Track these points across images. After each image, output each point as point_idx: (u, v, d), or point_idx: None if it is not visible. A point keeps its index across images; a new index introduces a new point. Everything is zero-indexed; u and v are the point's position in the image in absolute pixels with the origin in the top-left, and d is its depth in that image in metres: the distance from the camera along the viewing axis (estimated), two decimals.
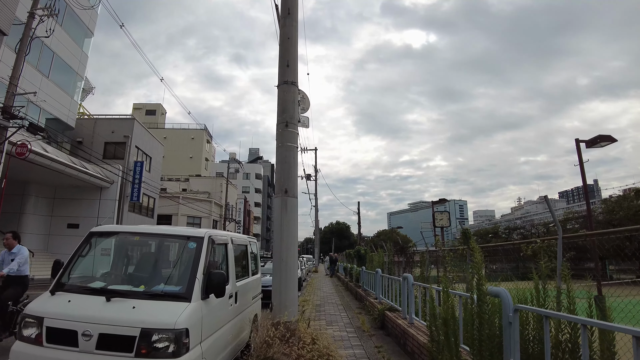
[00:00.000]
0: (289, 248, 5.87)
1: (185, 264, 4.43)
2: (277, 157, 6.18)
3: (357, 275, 16.16)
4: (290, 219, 5.93)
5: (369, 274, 12.99)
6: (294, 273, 5.92)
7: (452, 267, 10.19)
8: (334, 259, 33.37)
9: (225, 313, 4.90)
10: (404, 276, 7.50)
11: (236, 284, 5.42)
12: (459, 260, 10.23)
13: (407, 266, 13.43)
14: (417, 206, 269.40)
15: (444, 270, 11.39)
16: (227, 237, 5.43)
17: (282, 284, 5.77)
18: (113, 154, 29.75)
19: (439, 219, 25.14)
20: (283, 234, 5.84)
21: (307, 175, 42.54)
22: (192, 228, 5.36)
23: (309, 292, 17.97)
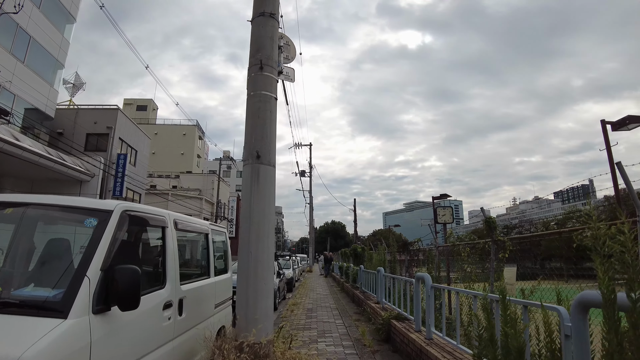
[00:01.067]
0: (262, 237, 4.12)
1: (70, 253, 2.68)
2: (248, 110, 4.45)
3: (354, 276, 14.41)
4: (264, 196, 4.19)
5: (369, 274, 11.24)
6: (268, 273, 4.18)
7: (470, 264, 8.49)
8: (328, 258, 31.61)
9: (157, 332, 3.15)
10: (419, 276, 5.76)
11: (181, 288, 3.66)
12: (478, 256, 8.54)
13: (411, 265, 11.68)
14: (413, 206, 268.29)
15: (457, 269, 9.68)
16: (164, 217, 3.63)
17: (250, 289, 4.02)
18: (95, 145, 27.89)
19: (442, 215, 23.44)
20: (253, 217, 4.10)
21: (301, 172, 40.86)
22: (99, 200, 3.45)
23: (300, 294, 16.21)
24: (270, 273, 4.18)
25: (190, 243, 4.55)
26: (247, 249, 4.03)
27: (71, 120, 27.92)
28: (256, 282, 3.97)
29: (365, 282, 11.70)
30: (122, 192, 27.02)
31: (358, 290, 12.73)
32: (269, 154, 4.24)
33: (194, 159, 56.61)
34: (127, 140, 29.75)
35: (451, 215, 22.25)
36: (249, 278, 3.99)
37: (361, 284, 12.31)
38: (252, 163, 4.17)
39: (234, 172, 73.08)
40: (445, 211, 22.22)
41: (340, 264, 21.09)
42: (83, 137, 27.95)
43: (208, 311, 4.48)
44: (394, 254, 11.10)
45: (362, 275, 12.26)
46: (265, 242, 4.08)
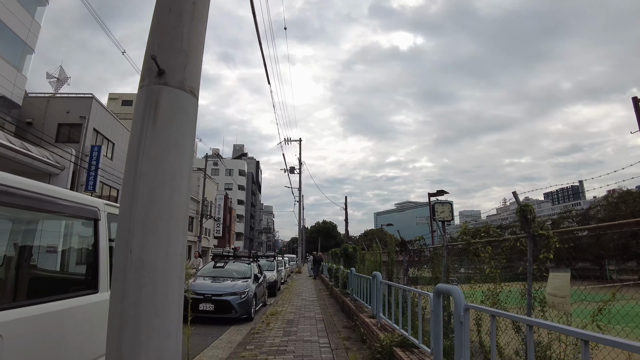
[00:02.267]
0: (157, 223, 2.08)
1: None
2: (157, 3, 2.43)
3: (345, 280, 12.44)
4: (167, 146, 2.17)
5: (361, 279, 9.26)
6: (169, 291, 2.12)
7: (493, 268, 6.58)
8: (318, 258, 29.58)
9: None
10: (442, 290, 3.79)
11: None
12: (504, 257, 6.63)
13: (412, 267, 9.68)
14: (404, 206, 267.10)
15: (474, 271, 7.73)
16: None
17: (129, 322, 1.96)
18: (67, 137, 25.64)
19: (440, 211, 21.53)
20: (140, 183, 2.07)
21: (290, 169, 38.84)
22: None
23: (284, 300, 14.21)
24: (175, 289, 2.16)
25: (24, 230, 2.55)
26: (124, 246, 2.00)
27: (41, 110, 25.66)
28: (137, 311, 1.94)
29: (357, 288, 9.73)
30: (95, 186, 24.83)
31: (348, 297, 10.76)
32: (183, 72, 2.26)
33: None
34: (103, 132, 27.54)
35: (450, 212, 20.21)
36: (123, 301, 1.94)
37: (352, 290, 10.34)
38: (149, 85, 2.19)
39: (223, 170, 70.93)
40: (444, 207, 20.15)
41: (330, 265, 19.14)
42: (54, 128, 25.73)
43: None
44: (391, 255, 9.17)
45: (353, 280, 10.29)
46: (164, 233, 2.07)
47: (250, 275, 11.32)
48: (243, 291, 10.12)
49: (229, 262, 12.34)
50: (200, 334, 8.45)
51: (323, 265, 28.64)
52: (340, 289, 12.91)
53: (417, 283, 9.30)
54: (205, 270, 11.88)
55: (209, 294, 9.77)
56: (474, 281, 6.62)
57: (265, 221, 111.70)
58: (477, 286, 6.48)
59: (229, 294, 9.89)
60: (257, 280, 11.56)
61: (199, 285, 10.29)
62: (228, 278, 11.09)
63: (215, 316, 9.75)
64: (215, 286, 10.33)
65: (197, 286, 10.21)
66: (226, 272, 11.72)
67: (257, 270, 12.44)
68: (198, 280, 10.84)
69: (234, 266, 12.13)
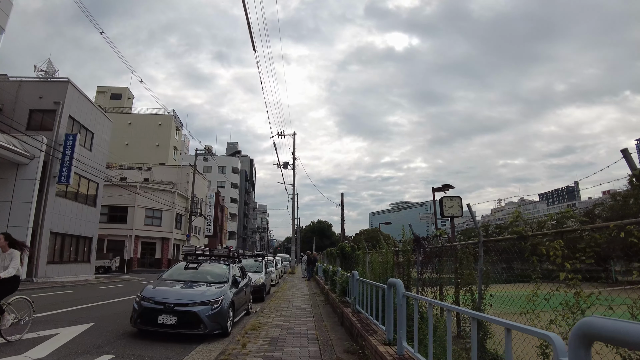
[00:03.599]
0: None
1: None
2: None
3: (344, 285, 10.20)
4: None
5: (368, 286, 6.99)
6: None
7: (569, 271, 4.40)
8: (312, 259, 27.33)
9: None
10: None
11: None
12: (592, 259, 4.50)
13: (425, 269, 7.41)
14: (399, 206, 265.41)
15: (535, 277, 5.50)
16: None
17: None
18: (40, 124, 23.27)
19: (449, 206, 19.34)
20: None
21: (283, 164, 36.59)
22: None
23: (272, 307, 12.00)
24: None
25: None
26: None
27: (12, 95, 23.24)
28: None
29: (363, 298, 7.52)
30: (69, 178, 22.48)
31: (349, 308, 8.54)
32: None
33: (169, 151, 51.93)
34: (81, 120, 25.15)
35: (460, 207, 17.92)
36: None
37: (355, 299, 8.10)
38: None
39: (215, 167, 68.58)
40: (452, 202, 17.78)
41: (325, 267, 16.93)
42: (26, 114, 23.34)
43: None
44: (407, 255, 6.96)
45: (356, 287, 8.06)
46: None
47: (227, 280, 9.08)
48: (216, 299, 7.88)
49: (203, 262, 10.08)
50: (152, 358, 6.23)
51: (318, 266, 26.44)
52: (338, 296, 10.70)
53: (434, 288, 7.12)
54: (173, 273, 9.60)
55: (171, 304, 7.53)
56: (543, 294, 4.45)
57: (259, 220, 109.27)
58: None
59: (197, 304, 7.65)
60: (236, 285, 9.31)
61: (160, 291, 8.04)
62: (200, 283, 8.86)
63: (178, 332, 7.52)
64: (180, 293, 8.08)
65: (157, 293, 7.96)
66: (199, 275, 9.47)
67: (238, 273, 10.20)
68: (160, 284, 8.59)
69: (209, 267, 9.89)
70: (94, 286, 20.52)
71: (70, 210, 24.21)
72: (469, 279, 6.19)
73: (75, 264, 24.93)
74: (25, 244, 7.13)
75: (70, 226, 24.23)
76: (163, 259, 39.37)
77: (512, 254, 5.60)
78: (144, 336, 7.64)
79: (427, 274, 7.30)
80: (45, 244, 21.66)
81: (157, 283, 8.66)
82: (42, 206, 21.61)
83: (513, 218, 5.81)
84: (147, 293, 7.99)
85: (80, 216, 25.38)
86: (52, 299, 13.42)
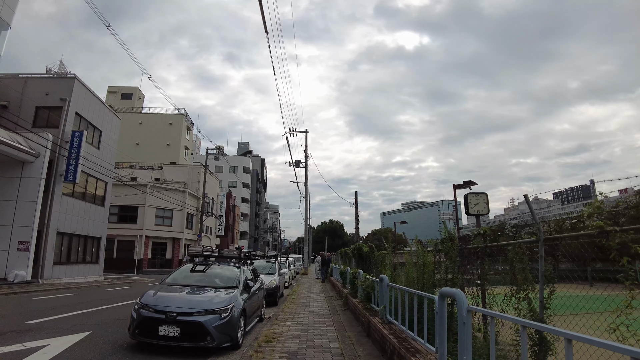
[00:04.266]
0: None
1: None
2: None
3: (369, 290, 9.02)
4: None
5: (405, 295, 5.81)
6: None
7: None
8: (326, 259, 26.20)
9: None
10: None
11: None
12: None
13: (470, 272, 6.23)
14: (411, 206, 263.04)
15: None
16: None
17: None
18: (46, 121, 22.54)
19: (474, 203, 18.11)
20: None
21: (295, 162, 35.57)
22: None
23: (286, 313, 10.93)
24: None
25: None
26: None
27: (18, 92, 22.51)
28: None
29: (395, 306, 6.37)
30: (75, 176, 21.66)
31: (377, 317, 7.41)
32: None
33: (180, 150, 51.24)
34: (88, 117, 24.37)
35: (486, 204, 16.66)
36: None
37: (385, 308, 6.96)
38: None
39: (227, 167, 67.86)
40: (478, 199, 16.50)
41: (342, 269, 15.81)
42: (32, 111, 22.63)
43: None
44: (452, 256, 5.79)
45: (386, 294, 6.93)
46: None
47: (237, 284, 8.02)
48: (225, 307, 6.83)
49: (211, 264, 9.03)
50: None
51: (332, 267, 25.34)
52: (362, 301, 9.57)
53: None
54: (178, 276, 8.56)
55: (173, 312, 6.50)
56: None
57: (270, 220, 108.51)
58: None
59: (203, 312, 6.61)
60: (247, 289, 8.25)
61: (161, 298, 7.00)
62: (208, 288, 7.82)
63: (181, 345, 6.49)
64: (185, 300, 7.04)
65: (158, 300, 6.93)
66: (207, 278, 8.43)
67: (250, 276, 9.15)
68: (163, 289, 7.55)
69: (218, 270, 8.84)
70: (100, 288, 19.67)
71: (77, 209, 23.44)
72: (528, 285, 5.06)
73: (83, 265, 24.16)
74: None
75: (78, 226, 23.45)
76: (174, 260, 38.59)
77: (578, 254, 4.46)
78: (143, 349, 6.62)
79: (465, 277, 6.17)
80: (51, 245, 20.88)
81: (159, 288, 7.63)
82: (48, 205, 20.84)
83: (591, 210, 4.62)
84: (146, 300, 6.96)
85: (88, 216, 24.61)
86: (52, 303, 12.52)
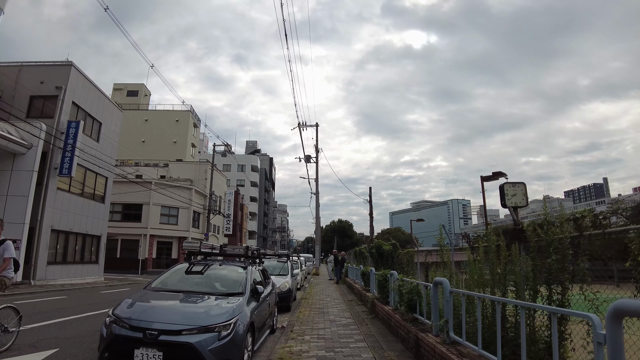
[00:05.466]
0: None
1: None
2: None
3: (410, 297, 6.95)
4: None
5: (482, 303, 3.91)
6: None
7: None
8: (339, 258, 24.24)
9: None
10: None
11: None
12: None
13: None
14: (420, 205, 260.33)
15: None
16: None
17: None
18: (41, 111, 20.90)
19: (512, 194, 16.08)
20: None
21: (306, 157, 33.71)
22: None
23: (302, 322, 9.04)
24: None
25: None
26: None
27: (12, 80, 20.88)
28: None
29: (461, 321, 4.46)
30: (71, 169, 19.95)
31: (430, 334, 5.46)
32: None
33: (187, 147, 49.61)
34: (86, 108, 22.68)
35: (524, 195, 14.73)
36: None
37: (447, 323, 5.01)
38: None
39: (235, 166, 66.24)
40: (515, 189, 14.52)
41: (364, 269, 13.85)
42: (26, 101, 21.01)
43: None
44: (563, 246, 3.86)
45: (449, 304, 4.98)
46: None
47: (243, 289, 6.10)
48: (226, 322, 4.91)
49: (212, 264, 7.11)
50: None
51: (347, 267, 23.40)
52: (397, 310, 7.63)
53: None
54: (169, 279, 6.64)
55: (154, 330, 4.60)
56: None
57: (279, 220, 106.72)
58: None
59: (196, 330, 4.70)
60: (256, 296, 6.32)
61: (141, 309, 5.09)
62: (205, 295, 5.92)
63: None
64: (172, 311, 5.12)
65: (137, 311, 5.02)
66: (205, 282, 6.52)
67: (259, 278, 7.25)
68: (145, 297, 5.66)
69: (219, 271, 6.93)
70: (96, 290, 17.91)
71: (74, 206, 21.75)
72: None
73: (81, 265, 22.44)
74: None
75: (75, 223, 21.75)
76: (180, 259, 36.86)
77: None
78: None
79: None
80: (45, 243, 19.18)
81: (141, 295, 5.74)
82: (41, 201, 19.15)
83: None
84: (121, 311, 5.06)
85: (87, 213, 22.90)
86: (31, 309, 10.69)
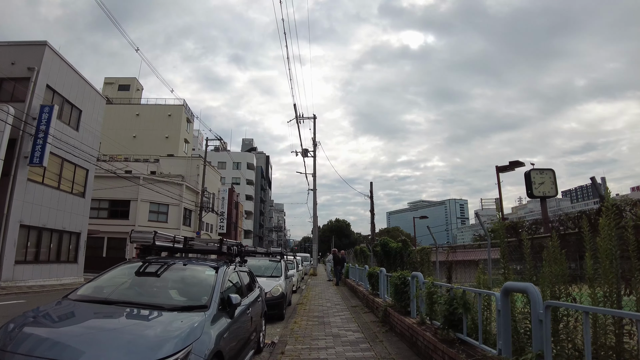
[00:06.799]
0: None
1: None
2: None
3: (453, 310, 4.89)
4: None
5: None
6: None
7: None
8: (339, 258, 22.18)
9: None
10: None
11: None
12: None
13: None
14: (417, 205, 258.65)
15: None
16: None
17: None
18: (11, 94, 18.82)
19: (539, 182, 14.10)
20: None
21: (303, 151, 31.70)
22: None
23: (298, 338, 7.04)
24: None
25: None
26: None
27: None
28: None
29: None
30: (42, 158, 17.82)
31: (466, 353, 3.45)
32: None
33: (180, 143, 47.45)
34: (63, 93, 20.55)
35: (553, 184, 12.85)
36: None
37: (540, 358, 3.01)
38: None
39: (230, 163, 64.15)
40: (543, 177, 12.54)
41: (371, 269, 11.80)
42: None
43: None
44: None
45: (539, 327, 2.96)
46: None
47: (208, 301, 4.00)
48: (172, 354, 2.88)
49: (175, 262, 5.04)
50: None
51: (347, 267, 21.39)
52: (424, 324, 5.61)
53: None
54: (106, 282, 4.57)
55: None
56: None
57: (275, 219, 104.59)
58: None
59: None
60: (229, 310, 4.23)
61: (30, 336, 3.00)
62: (148, 308, 3.82)
63: None
64: (86, 339, 3.04)
65: (20, 339, 2.92)
66: (156, 289, 4.43)
67: (239, 283, 5.20)
68: (47, 315, 3.57)
69: (181, 273, 4.83)
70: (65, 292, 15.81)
71: (49, 199, 19.63)
72: None
73: (57, 264, 20.31)
74: None
75: (50, 219, 19.63)
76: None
77: None
78: None
79: None
80: (12, 240, 17.06)
81: (47, 310, 3.67)
82: (7, 193, 17.04)
83: None
84: (4, 337, 3.04)
85: (64, 207, 20.79)
86: None
